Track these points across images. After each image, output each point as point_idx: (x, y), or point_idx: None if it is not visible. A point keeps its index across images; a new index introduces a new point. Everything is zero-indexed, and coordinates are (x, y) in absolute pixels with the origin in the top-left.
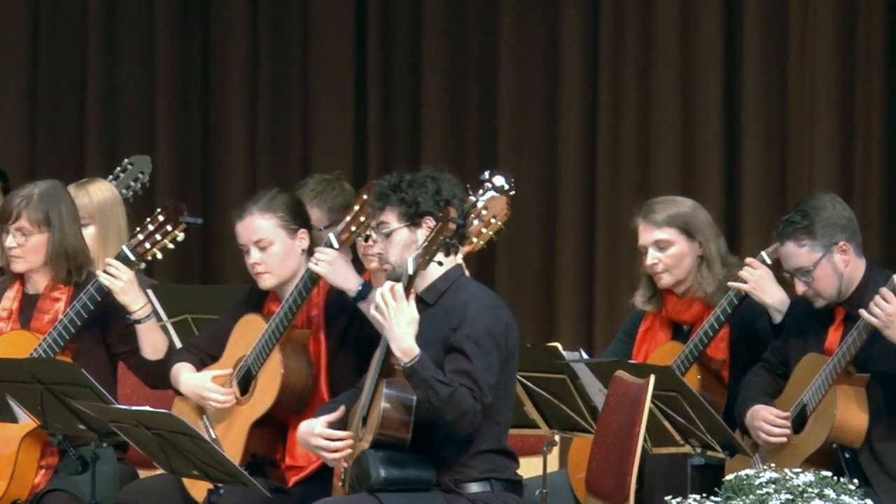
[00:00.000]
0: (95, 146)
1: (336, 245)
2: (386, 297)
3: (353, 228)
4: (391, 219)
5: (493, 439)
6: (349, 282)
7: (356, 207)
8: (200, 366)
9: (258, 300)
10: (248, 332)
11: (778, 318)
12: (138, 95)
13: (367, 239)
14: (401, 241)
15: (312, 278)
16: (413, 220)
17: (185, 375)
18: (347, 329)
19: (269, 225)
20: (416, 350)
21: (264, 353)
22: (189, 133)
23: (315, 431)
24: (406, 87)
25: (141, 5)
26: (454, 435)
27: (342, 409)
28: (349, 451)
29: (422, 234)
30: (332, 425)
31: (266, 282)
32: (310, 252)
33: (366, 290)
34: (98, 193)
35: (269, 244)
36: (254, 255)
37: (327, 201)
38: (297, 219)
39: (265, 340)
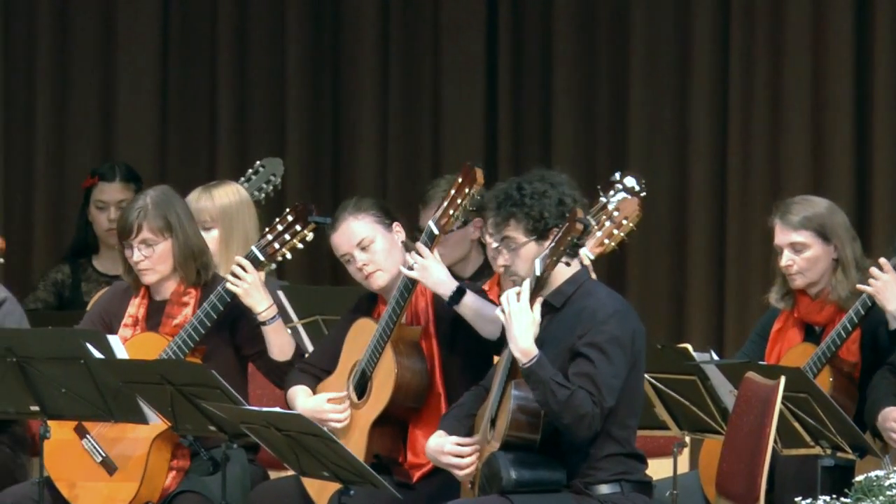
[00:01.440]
0: (226, 149)
1: (437, 231)
2: (510, 297)
3: (452, 212)
4: (518, 234)
5: (623, 442)
6: (442, 286)
7: (452, 191)
8: (316, 382)
9: (368, 306)
10: (361, 336)
11: (894, 325)
12: (268, 97)
13: (465, 224)
14: (529, 254)
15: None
16: (541, 235)
17: (301, 400)
18: (458, 320)
19: (365, 224)
20: (535, 351)
21: (376, 353)
22: (319, 135)
23: (445, 449)
24: (536, 88)
25: (272, 8)
26: (573, 439)
27: (476, 438)
28: (475, 464)
29: (548, 245)
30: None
31: (379, 280)
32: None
33: (459, 295)
34: (222, 197)
35: (370, 242)
36: (359, 258)
37: None
38: (388, 214)
39: (376, 341)
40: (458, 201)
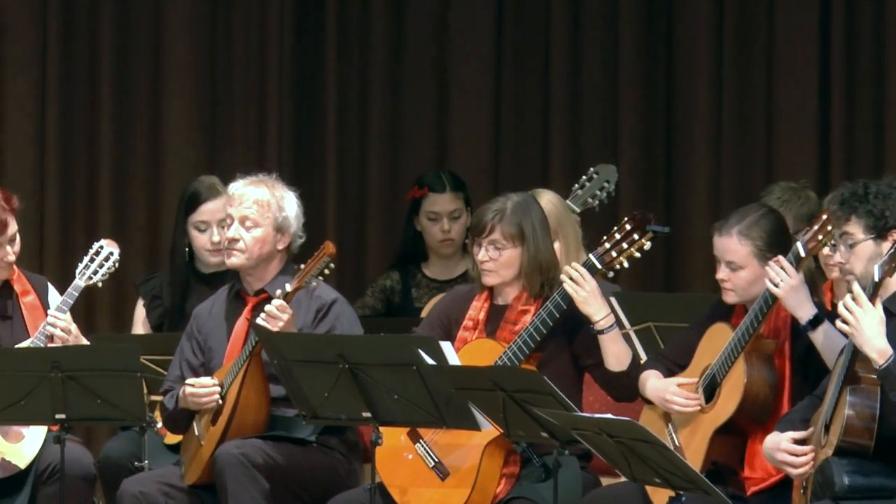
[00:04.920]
0: (559, 155)
1: (804, 253)
2: (849, 304)
3: (821, 237)
4: (857, 230)
5: None
6: (802, 309)
7: (824, 217)
8: (668, 374)
9: (725, 309)
10: (716, 340)
11: None
12: (602, 103)
13: (834, 248)
14: (866, 253)
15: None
16: (879, 233)
17: (652, 380)
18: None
19: (743, 251)
20: (891, 350)
21: (729, 361)
22: (653, 140)
23: (781, 446)
24: (870, 95)
25: (605, 12)
26: None
27: (811, 429)
28: (810, 465)
29: (887, 246)
30: (798, 441)
31: (728, 297)
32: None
33: (817, 321)
34: (547, 205)
35: (739, 268)
36: (722, 272)
37: (793, 210)
38: (775, 247)
39: (730, 349)
40: (828, 228)
